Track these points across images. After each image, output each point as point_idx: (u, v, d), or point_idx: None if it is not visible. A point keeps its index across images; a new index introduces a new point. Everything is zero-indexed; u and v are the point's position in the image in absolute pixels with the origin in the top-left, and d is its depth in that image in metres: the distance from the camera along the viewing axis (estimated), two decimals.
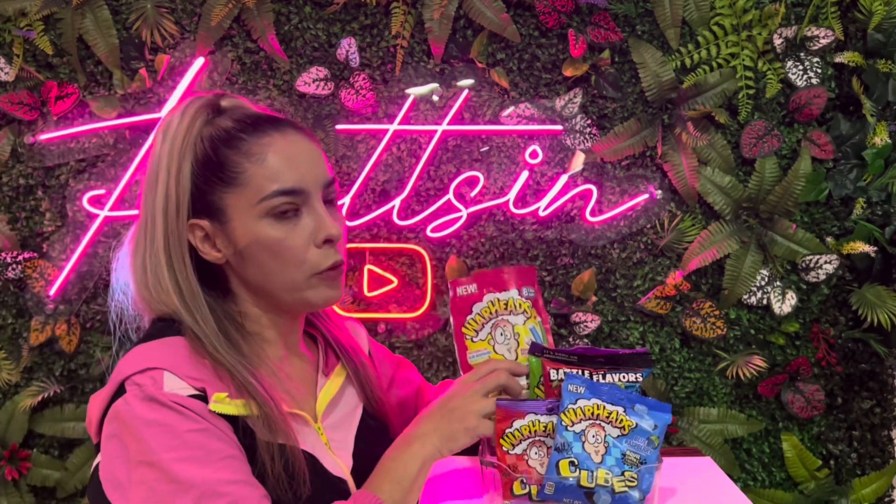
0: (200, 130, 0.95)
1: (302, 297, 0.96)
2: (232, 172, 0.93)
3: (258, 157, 0.93)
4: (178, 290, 0.94)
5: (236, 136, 0.94)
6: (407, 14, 2.12)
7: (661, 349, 2.20)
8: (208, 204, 0.94)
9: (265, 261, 0.94)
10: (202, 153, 0.94)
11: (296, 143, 0.96)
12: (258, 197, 0.92)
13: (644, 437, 0.90)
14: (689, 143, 2.14)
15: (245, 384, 0.90)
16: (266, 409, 0.89)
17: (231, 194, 0.93)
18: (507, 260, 2.18)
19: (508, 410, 0.95)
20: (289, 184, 0.93)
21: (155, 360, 0.89)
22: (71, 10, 2.09)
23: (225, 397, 0.88)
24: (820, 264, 2.13)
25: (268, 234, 0.93)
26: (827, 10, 2.12)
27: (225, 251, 0.96)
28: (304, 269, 0.95)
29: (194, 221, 0.95)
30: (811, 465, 2.19)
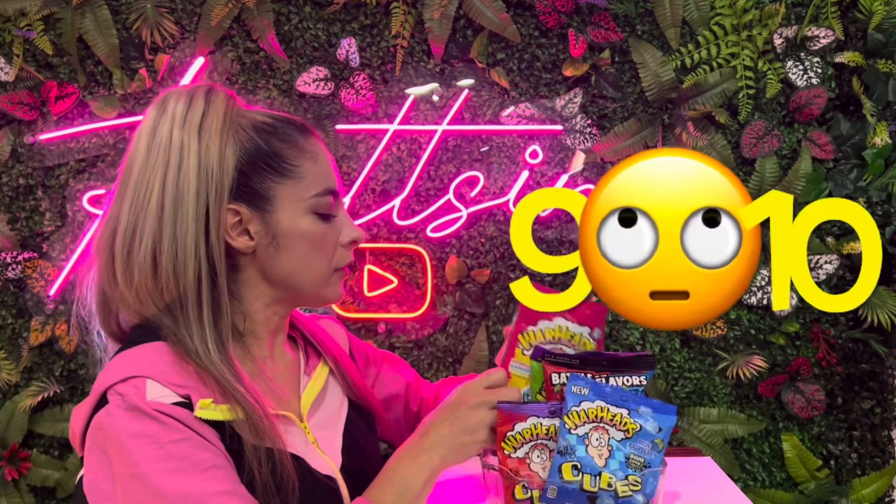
0: (237, 119, 0.95)
1: (321, 290, 1.00)
2: (288, 164, 0.96)
3: (312, 156, 0.98)
4: (198, 276, 0.90)
5: (286, 131, 0.97)
6: (407, 14, 2.12)
7: (661, 349, 2.20)
8: (252, 190, 0.94)
9: (303, 252, 0.96)
10: (249, 141, 0.94)
11: (324, 147, 1.02)
12: (311, 192, 0.96)
13: (648, 441, 0.90)
14: (690, 143, 2.14)
15: (230, 388, 0.88)
16: (252, 414, 0.88)
17: (283, 185, 0.95)
18: (506, 260, 2.18)
19: (510, 413, 0.95)
20: (335, 185, 0.99)
21: (137, 368, 0.87)
22: (71, 10, 2.08)
23: (210, 403, 0.86)
24: (820, 264, 2.13)
25: (311, 227, 0.96)
26: (827, 10, 2.12)
27: (259, 239, 0.95)
28: (332, 263, 0.99)
29: (232, 206, 0.93)
30: (811, 466, 2.19)
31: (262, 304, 0.99)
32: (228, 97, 0.96)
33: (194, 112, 0.93)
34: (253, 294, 0.98)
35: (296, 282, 0.98)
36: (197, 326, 0.90)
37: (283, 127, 0.97)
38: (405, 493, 0.90)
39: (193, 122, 0.92)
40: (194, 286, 0.90)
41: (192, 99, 0.94)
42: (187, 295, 0.90)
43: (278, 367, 1.04)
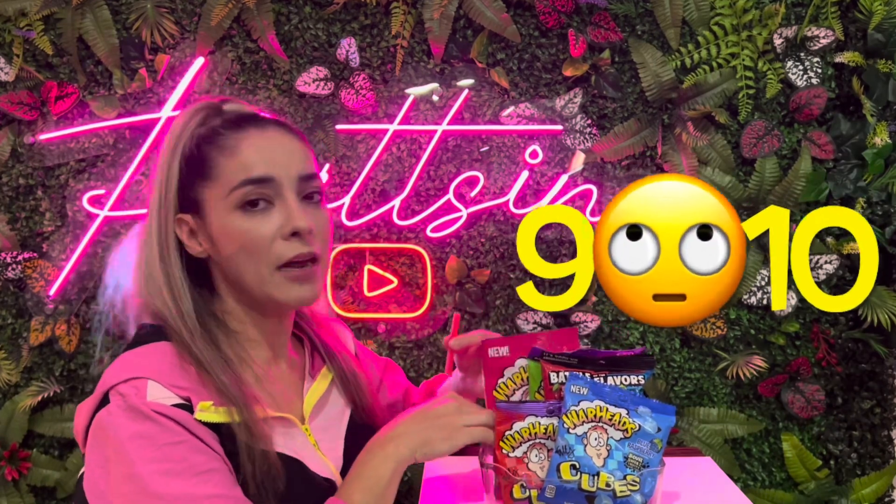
0: (193, 131, 0.97)
1: (269, 293, 0.96)
2: (207, 167, 0.95)
3: (231, 150, 0.95)
4: (167, 284, 0.95)
5: (217, 132, 0.96)
6: (407, 14, 2.12)
7: (661, 349, 2.20)
8: (190, 199, 0.96)
9: (235, 253, 0.94)
10: (188, 151, 0.96)
11: (273, 137, 0.97)
12: (228, 188, 0.94)
13: (647, 440, 0.90)
14: (689, 143, 2.14)
15: (227, 390, 0.90)
16: (247, 416, 0.89)
17: (206, 188, 0.95)
18: (506, 260, 2.18)
19: (508, 412, 0.95)
20: (257, 173, 0.94)
21: (139, 369, 0.88)
22: (71, 10, 2.08)
23: (210, 405, 0.88)
24: (820, 264, 2.13)
25: (236, 225, 0.93)
26: (827, 10, 2.12)
27: (205, 245, 0.97)
28: (269, 261, 0.94)
29: (180, 216, 0.97)
30: (811, 465, 2.19)
31: (242, 309, 1.00)
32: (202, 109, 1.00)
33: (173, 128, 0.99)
34: (230, 298, 1.00)
35: (243, 284, 0.97)
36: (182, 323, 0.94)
37: (217, 127, 0.97)
38: (374, 487, 0.90)
39: (168, 138, 0.99)
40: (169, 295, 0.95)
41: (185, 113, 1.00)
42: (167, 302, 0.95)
43: (281, 369, 1.05)
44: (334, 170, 2.15)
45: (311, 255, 0.96)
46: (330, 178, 2.15)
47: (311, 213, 0.96)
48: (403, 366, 2.19)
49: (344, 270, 2.18)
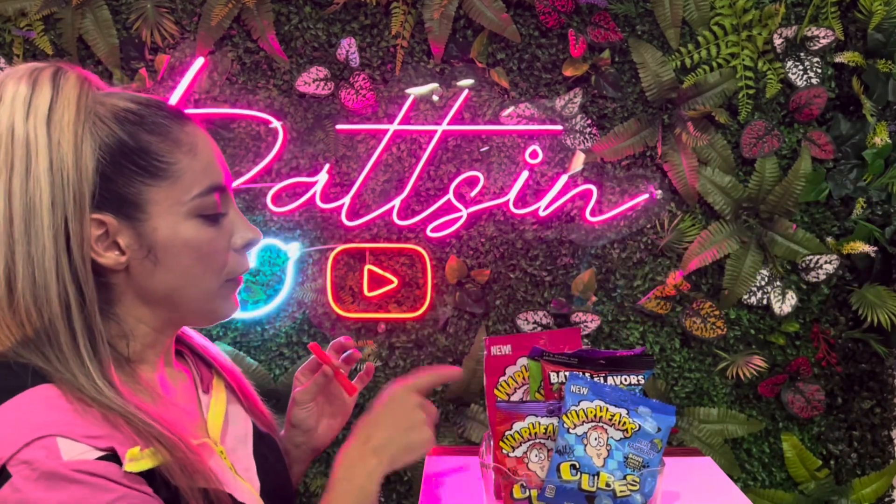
0: (93, 108, 0.78)
1: (213, 306, 0.86)
2: (160, 162, 0.79)
3: (190, 148, 0.81)
4: (65, 302, 0.75)
5: (155, 120, 0.80)
6: (407, 14, 2.12)
7: (661, 349, 2.20)
8: (118, 196, 0.78)
9: (187, 265, 0.81)
10: (110, 136, 0.77)
11: (207, 136, 0.86)
12: (191, 193, 0.80)
13: (647, 440, 0.90)
14: (689, 143, 2.14)
15: (144, 428, 0.74)
16: (177, 452, 0.75)
17: (156, 188, 0.79)
18: (506, 260, 2.18)
19: (508, 412, 0.95)
20: (219, 179, 0.83)
21: (36, 426, 0.69)
22: (71, 10, 2.08)
23: (138, 452, 0.72)
24: (820, 264, 2.13)
25: (196, 234, 0.81)
26: (827, 10, 2.12)
27: (132, 253, 0.79)
28: (222, 274, 0.85)
29: (97, 216, 0.77)
30: (811, 465, 2.19)
31: (147, 328, 0.85)
32: (81, 79, 0.80)
33: (39, 99, 0.76)
34: (134, 317, 0.84)
35: (181, 298, 0.83)
36: (75, 360, 0.75)
37: (152, 115, 0.80)
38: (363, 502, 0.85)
39: (39, 113, 0.76)
40: (61, 314, 0.75)
41: (36, 83, 0.77)
42: (55, 325, 0.75)
43: (177, 389, 0.91)
44: (334, 170, 2.15)
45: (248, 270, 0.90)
46: (330, 178, 2.15)
47: None
48: (403, 366, 2.19)
49: (344, 270, 2.18)
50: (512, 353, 1.03)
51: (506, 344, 1.03)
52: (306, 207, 2.16)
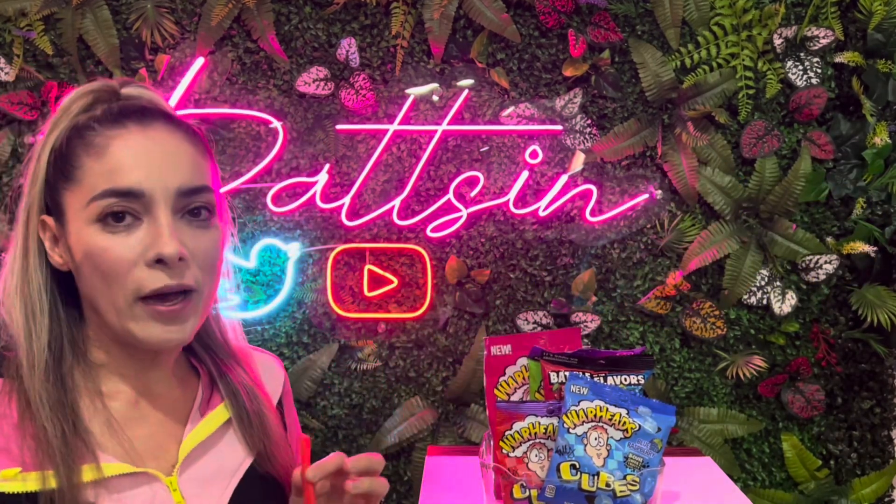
0: (74, 118, 0.81)
1: (126, 328, 0.78)
2: (71, 166, 0.78)
3: (98, 150, 0.77)
4: (21, 296, 0.80)
5: (89, 125, 0.79)
6: (407, 14, 2.12)
7: (661, 349, 2.20)
8: (53, 201, 0.80)
9: (90, 273, 0.77)
10: (59, 143, 0.80)
11: (155, 139, 0.79)
12: (89, 195, 0.76)
13: (647, 440, 0.90)
14: (689, 143, 2.14)
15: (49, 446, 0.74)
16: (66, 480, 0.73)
17: (69, 192, 0.78)
18: (506, 260, 2.18)
19: (508, 412, 0.95)
20: (124, 183, 0.76)
21: None
22: (71, 10, 2.08)
23: (17, 473, 0.72)
24: (820, 264, 2.13)
25: (93, 241, 0.76)
26: (827, 10, 2.12)
27: (64, 257, 0.80)
28: (127, 290, 0.76)
29: (43, 217, 0.81)
30: (811, 465, 2.19)
31: (106, 337, 0.83)
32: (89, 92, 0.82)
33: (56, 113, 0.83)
34: (94, 322, 0.83)
35: (98, 309, 0.80)
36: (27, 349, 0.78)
37: (95, 120, 0.80)
38: None
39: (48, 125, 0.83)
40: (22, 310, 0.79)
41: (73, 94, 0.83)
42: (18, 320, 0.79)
43: (150, 407, 0.86)
44: (334, 170, 2.16)
45: (181, 287, 0.78)
46: (330, 178, 2.15)
47: (190, 235, 0.79)
48: (403, 366, 2.19)
49: (344, 270, 2.18)
50: (512, 353, 1.03)
51: (506, 344, 1.03)
52: (306, 207, 2.16)
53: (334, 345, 2.18)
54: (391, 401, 2.21)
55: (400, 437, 2.16)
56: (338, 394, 2.19)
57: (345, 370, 2.19)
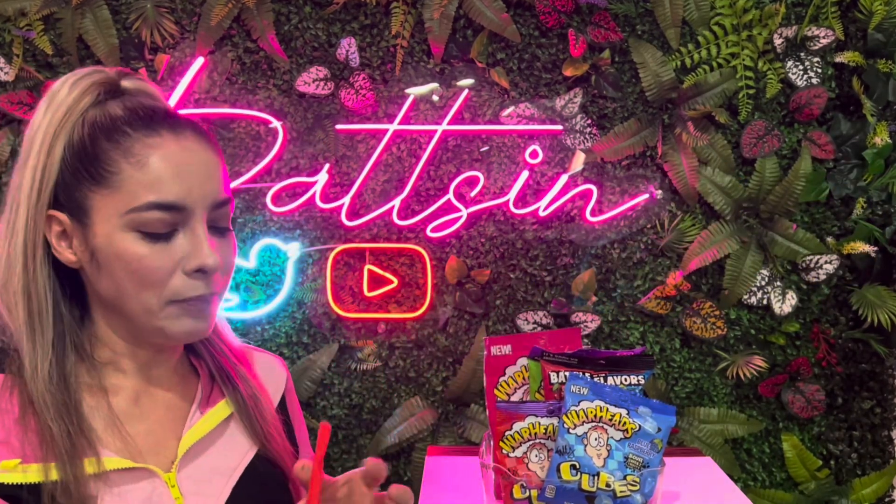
0: (85, 111, 0.80)
1: (157, 325, 0.81)
2: (105, 170, 0.78)
3: (139, 159, 0.78)
4: (26, 294, 0.80)
5: (120, 128, 0.79)
6: (407, 14, 2.12)
7: (661, 349, 2.20)
8: (72, 198, 0.80)
9: (121, 277, 0.79)
10: (78, 139, 0.79)
11: (190, 150, 0.80)
12: (129, 206, 0.77)
13: (647, 441, 0.90)
14: (690, 143, 2.13)
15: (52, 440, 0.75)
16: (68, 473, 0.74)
17: (98, 195, 0.78)
18: (506, 260, 2.18)
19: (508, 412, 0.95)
20: (169, 197, 0.78)
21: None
22: (71, 9, 2.08)
23: (17, 464, 0.73)
24: (820, 264, 2.13)
25: (130, 248, 0.78)
26: (827, 9, 2.12)
27: (80, 255, 0.81)
28: (164, 294, 0.79)
29: (53, 213, 0.80)
30: (811, 466, 2.19)
31: (114, 334, 0.85)
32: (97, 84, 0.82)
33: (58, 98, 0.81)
34: (103, 321, 0.85)
35: (123, 310, 0.81)
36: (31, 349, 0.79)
37: (123, 123, 0.80)
38: None
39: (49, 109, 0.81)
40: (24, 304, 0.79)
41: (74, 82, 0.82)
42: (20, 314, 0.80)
43: (154, 402, 0.88)
44: (334, 170, 2.15)
45: (212, 295, 0.82)
46: (330, 178, 2.15)
47: (219, 247, 0.82)
48: (403, 366, 2.19)
49: (344, 270, 2.18)
50: (512, 353, 1.03)
51: (506, 344, 1.03)
52: (306, 207, 2.15)
53: (334, 345, 2.18)
54: (391, 401, 2.21)
55: (400, 437, 2.16)
56: (338, 394, 2.19)
57: (345, 370, 2.19)
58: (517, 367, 1.03)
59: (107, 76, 0.83)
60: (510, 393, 1.02)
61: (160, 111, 0.82)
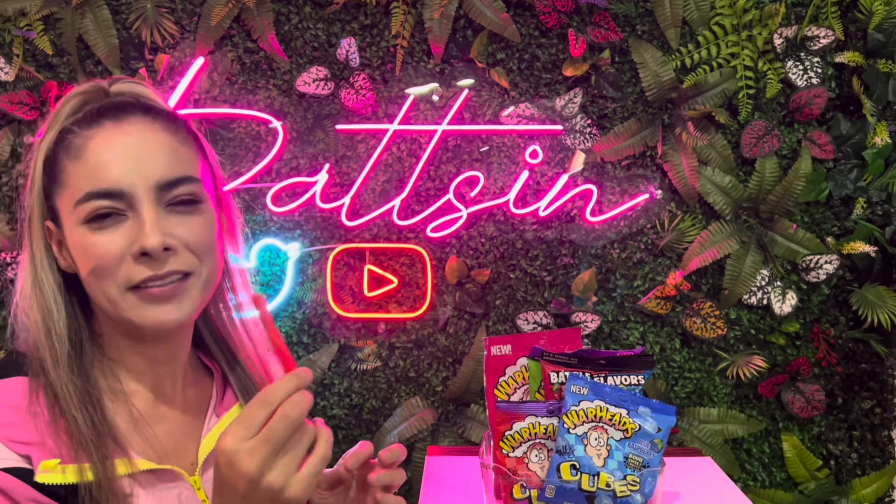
0: (64, 123, 0.82)
1: (123, 316, 0.80)
2: (57, 170, 0.80)
3: (77, 153, 0.79)
4: (38, 303, 0.82)
5: (70, 128, 0.80)
6: (407, 14, 2.12)
7: (661, 349, 2.20)
8: (52, 207, 0.83)
9: (85, 272, 0.80)
10: (48, 149, 0.81)
11: (131, 134, 0.80)
12: (74, 199, 0.78)
13: (647, 441, 0.90)
14: (690, 142, 2.13)
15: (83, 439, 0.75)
16: (102, 473, 0.75)
17: (59, 197, 0.81)
18: (506, 260, 2.18)
19: (508, 412, 0.95)
20: (104, 185, 0.77)
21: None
22: (71, 9, 2.08)
23: (56, 464, 0.74)
24: (820, 264, 2.13)
25: (83, 241, 0.78)
26: (827, 9, 2.12)
27: (68, 259, 0.83)
28: (118, 282, 0.78)
29: (48, 223, 0.84)
30: (811, 466, 2.19)
31: (117, 332, 0.85)
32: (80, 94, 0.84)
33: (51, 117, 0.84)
34: (103, 320, 0.85)
35: (96, 304, 0.82)
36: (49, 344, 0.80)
37: (74, 122, 0.81)
38: None
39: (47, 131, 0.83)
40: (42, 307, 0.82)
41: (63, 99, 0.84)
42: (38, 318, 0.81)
43: (171, 405, 0.88)
44: (334, 170, 2.15)
45: (169, 274, 0.79)
46: (330, 178, 2.15)
47: (177, 223, 0.80)
48: (403, 366, 2.19)
49: (344, 270, 2.18)
50: (512, 353, 1.03)
51: (506, 344, 1.03)
52: (306, 207, 2.15)
53: (334, 345, 2.18)
54: (391, 401, 2.21)
55: (400, 437, 2.16)
56: (338, 394, 2.19)
57: (345, 370, 2.19)
58: (517, 367, 1.03)
59: (95, 86, 0.85)
60: (510, 393, 1.02)
61: (111, 104, 0.82)
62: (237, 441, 0.66)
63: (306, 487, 0.67)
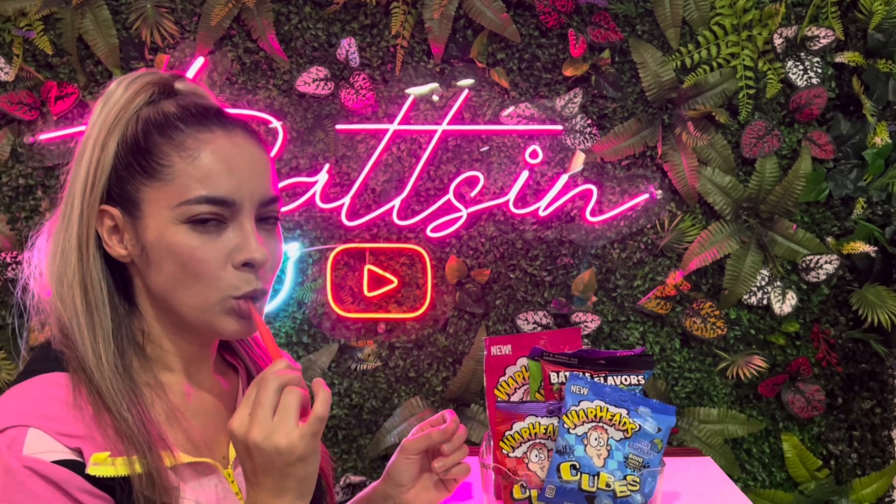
0: (139, 109, 0.82)
1: (210, 321, 0.82)
2: (157, 164, 0.80)
3: (191, 153, 0.80)
4: (82, 287, 0.81)
5: (173, 123, 0.81)
6: (407, 14, 2.12)
7: (661, 349, 2.20)
8: (124, 192, 0.81)
9: (173, 270, 0.80)
10: (131, 134, 0.81)
11: (241, 147, 0.82)
12: (180, 199, 0.79)
13: (647, 441, 0.90)
14: (690, 143, 2.13)
15: (130, 432, 0.76)
16: (150, 464, 0.76)
17: (150, 188, 0.80)
18: (506, 260, 2.18)
19: (508, 412, 0.95)
20: (220, 192, 0.79)
21: (21, 414, 0.74)
22: (71, 9, 2.08)
23: (106, 457, 0.74)
24: (820, 264, 2.13)
25: (182, 241, 0.79)
26: (827, 9, 2.12)
27: (131, 249, 0.82)
28: (220, 288, 0.80)
29: (105, 207, 0.82)
30: (811, 466, 2.19)
31: (161, 329, 0.86)
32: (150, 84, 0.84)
33: (113, 97, 0.83)
34: (150, 315, 0.86)
35: (174, 304, 0.82)
36: (91, 340, 0.80)
37: (176, 119, 0.82)
38: None
39: (104, 108, 0.83)
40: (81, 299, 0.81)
41: (129, 82, 0.84)
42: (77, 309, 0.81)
43: (203, 401, 0.90)
44: (334, 170, 2.15)
45: (264, 290, 0.84)
46: (330, 178, 2.15)
47: (266, 242, 0.84)
48: (403, 366, 2.19)
49: (344, 270, 2.18)
50: (512, 353, 1.03)
51: (506, 344, 1.03)
52: (306, 207, 2.15)
53: (334, 345, 2.18)
54: (391, 401, 2.20)
55: (400, 437, 2.16)
56: (338, 394, 2.19)
57: (345, 370, 2.19)
58: (517, 367, 1.03)
59: (161, 77, 0.85)
60: (510, 393, 1.02)
61: (212, 109, 0.84)
62: (239, 419, 0.74)
63: (308, 445, 0.73)
